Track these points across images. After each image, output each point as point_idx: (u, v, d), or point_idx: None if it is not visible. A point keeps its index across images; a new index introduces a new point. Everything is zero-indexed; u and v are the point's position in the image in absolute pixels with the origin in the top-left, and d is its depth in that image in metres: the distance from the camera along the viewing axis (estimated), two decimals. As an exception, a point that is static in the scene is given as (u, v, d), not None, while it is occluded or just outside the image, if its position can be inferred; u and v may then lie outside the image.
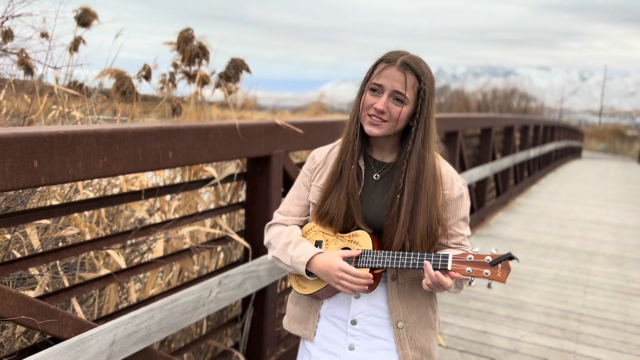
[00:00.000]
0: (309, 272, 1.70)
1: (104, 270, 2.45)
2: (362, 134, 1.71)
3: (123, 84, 2.60)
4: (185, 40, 2.61)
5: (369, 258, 1.64)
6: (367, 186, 1.72)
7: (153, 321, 2.10)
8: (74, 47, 3.59)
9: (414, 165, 1.63)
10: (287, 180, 2.95)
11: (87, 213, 2.71)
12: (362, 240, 1.67)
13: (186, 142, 2.20)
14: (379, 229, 1.69)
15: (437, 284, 1.55)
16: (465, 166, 6.69)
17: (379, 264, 1.62)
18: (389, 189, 1.68)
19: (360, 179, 1.72)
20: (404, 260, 1.60)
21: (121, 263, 2.36)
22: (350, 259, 1.66)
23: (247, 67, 2.65)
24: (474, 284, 1.57)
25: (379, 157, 1.75)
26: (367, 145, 1.76)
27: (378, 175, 1.73)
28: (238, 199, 3.25)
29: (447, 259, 1.55)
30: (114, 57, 3.10)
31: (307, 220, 1.83)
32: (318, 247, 1.74)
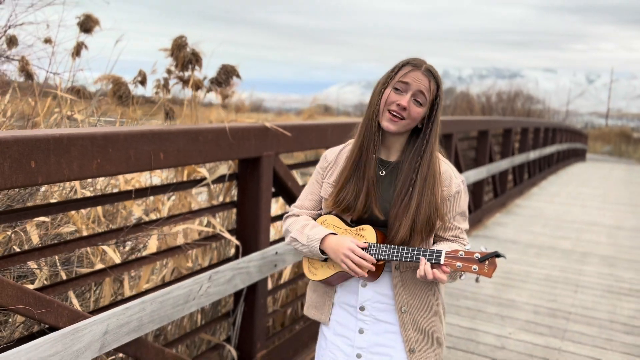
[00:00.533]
0: (322, 251, 1.87)
1: (100, 265, 2.58)
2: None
3: (119, 89, 2.73)
4: (179, 47, 2.74)
5: (373, 250, 1.82)
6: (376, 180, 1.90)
7: (145, 313, 2.23)
8: (77, 52, 3.73)
9: (426, 162, 1.81)
10: (278, 181, 3.08)
11: (85, 213, 2.84)
12: (367, 234, 1.85)
13: (177, 145, 2.33)
14: (383, 220, 1.85)
15: (432, 277, 1.71)
16: (461, 168, 6.80)
17: (382, 256, 1.80)
18: (394, 184, 1.85)
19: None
20: (403, 253, 1.78)
21: (116, 259, 2.50)
22: None
23: (237, 73, 2.78)
24: (463, 278, 1.75)
25: (384, 155, 1.91)
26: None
27: (384, 171, 1.89)
28: (232, 198, 3.38)
29: (441, 255, 1.72)
30: (115, 61, 3.24)
31: (320, 213, 2.02)
32: None
